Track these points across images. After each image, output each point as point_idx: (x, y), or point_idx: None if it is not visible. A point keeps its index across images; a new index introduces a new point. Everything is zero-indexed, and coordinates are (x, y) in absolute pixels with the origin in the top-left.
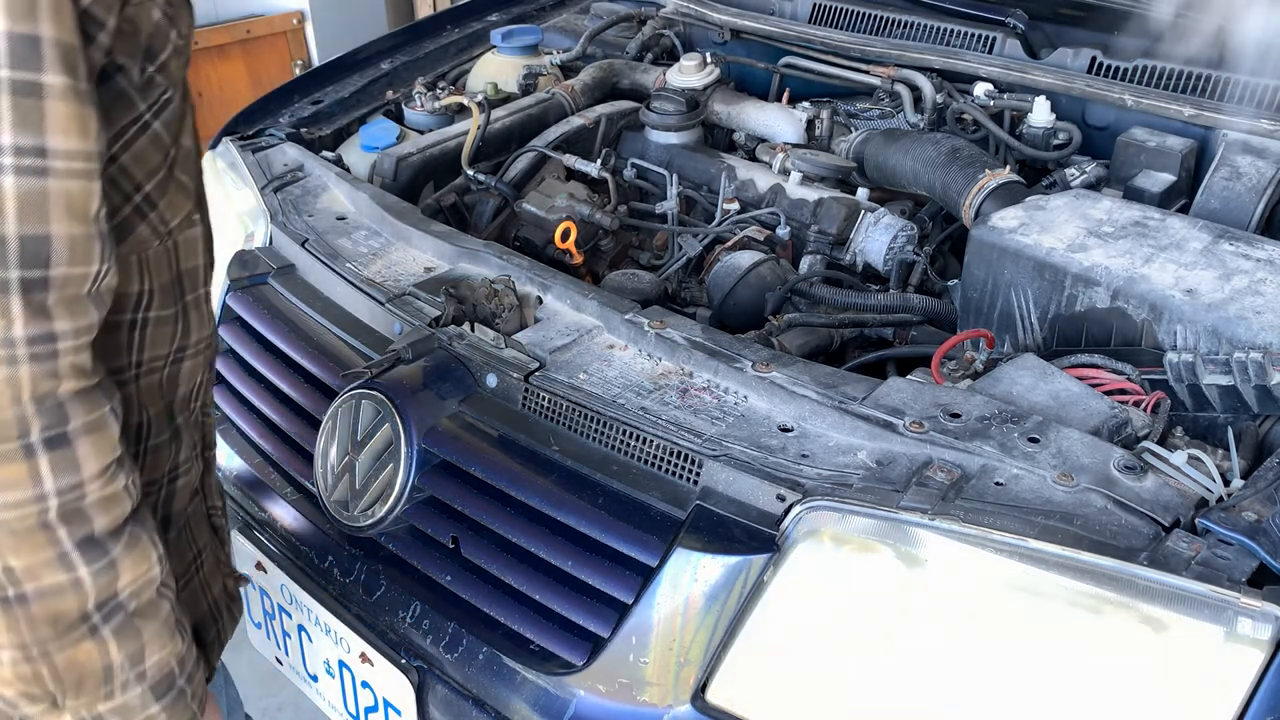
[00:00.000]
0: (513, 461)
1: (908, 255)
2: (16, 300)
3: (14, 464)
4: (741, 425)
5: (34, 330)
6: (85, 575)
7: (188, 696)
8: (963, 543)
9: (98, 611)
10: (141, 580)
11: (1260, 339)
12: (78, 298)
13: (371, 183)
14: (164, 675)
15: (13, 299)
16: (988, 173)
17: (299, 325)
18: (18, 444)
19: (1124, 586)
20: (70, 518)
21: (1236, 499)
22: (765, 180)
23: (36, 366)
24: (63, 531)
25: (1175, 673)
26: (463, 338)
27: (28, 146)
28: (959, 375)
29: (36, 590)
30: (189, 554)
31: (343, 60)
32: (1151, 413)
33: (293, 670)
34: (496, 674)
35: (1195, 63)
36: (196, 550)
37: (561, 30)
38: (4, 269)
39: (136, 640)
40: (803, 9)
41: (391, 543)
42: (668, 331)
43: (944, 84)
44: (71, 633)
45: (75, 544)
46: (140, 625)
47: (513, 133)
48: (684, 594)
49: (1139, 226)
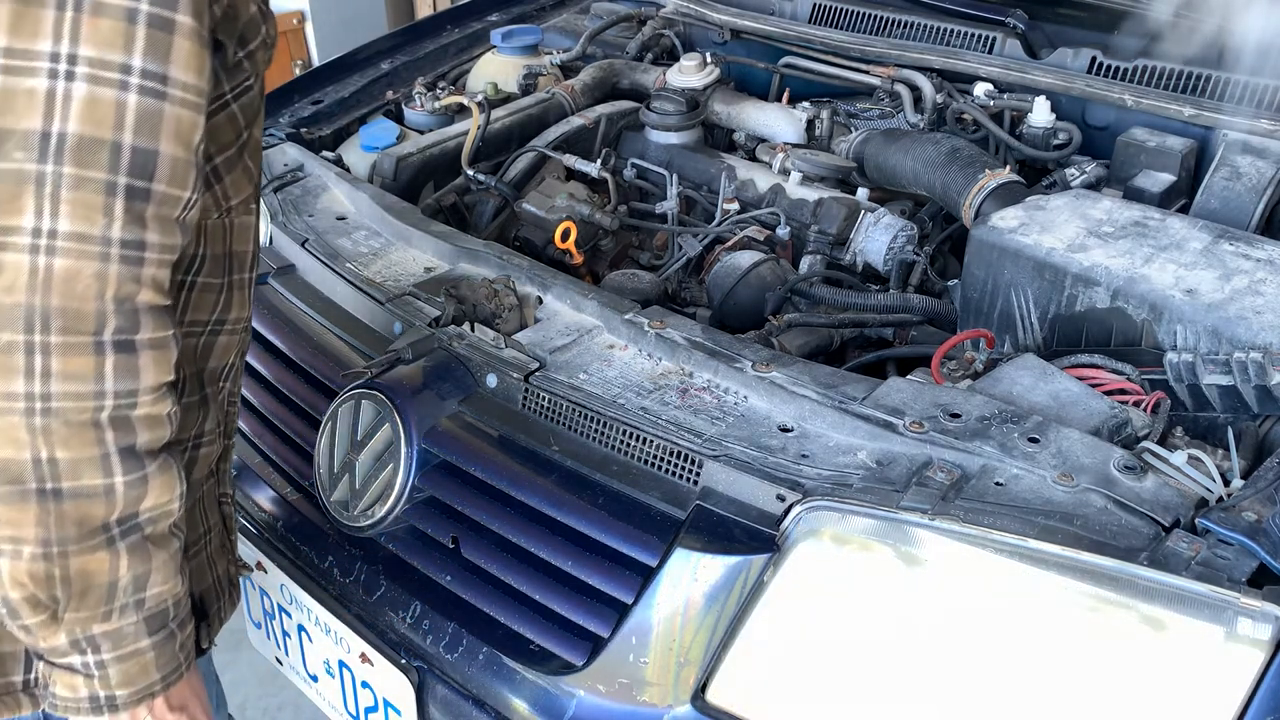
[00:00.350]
0: (513, 461)
1: (908, 255)
2: (120, 203)
3: (83, 357)
4: (741, 425)
5: (129, 235)
6: (119, 484)
7: (176, 643)
8: (963, 543)
9: (118, 525)
10: (162, 509)
11: (1260, 339)
12: (169, 218)
13: (371, 183)
14: (159, 611)
15: (117, 201)
16: (988, 173)
17: (299, 325)
18: (91, 338)
19: (1124, 586)
20: (119, 424)
21: (1236, 499)
22: (765, 180)
23: (125, 268)
24: (110, 434)
25: (1175, 673)
26: (463, 338)
27: (153, 71)
28: (959, 375)
29: (73, 489)
30: (200, 528)
31: (343, 60)
32: (1151, 413)
33: (293, 670)
34: (496, 674)
35: (1195, 63)
36: (207, 526)
37: (561, 30)
38: (115, 173)
39: (145, 564)
40: (803, 9)
41: (391, 543)
42: (668, 331)
43: (944, 84)
44: (92, 539)
45: (118, 450)
46: (152, 551)
47: (513, 133)
48: (684, 594)
49: (1139, 226)
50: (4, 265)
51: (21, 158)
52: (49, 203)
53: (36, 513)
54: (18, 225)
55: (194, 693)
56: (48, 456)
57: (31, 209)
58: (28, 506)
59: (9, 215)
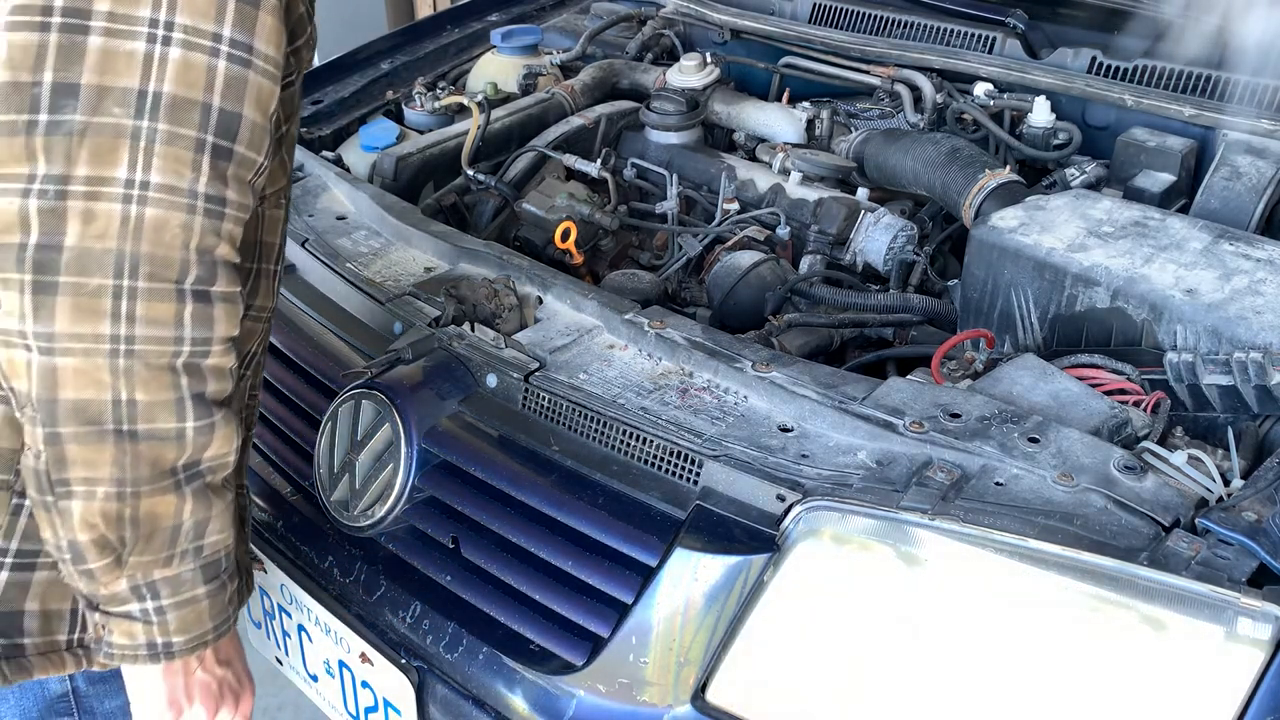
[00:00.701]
0: (513, 461)
1: (908, 255)
2: (207, 160)
3: (167, 303)
4: (741, 425)
5: (213, 190)
6: (190, 429)
7: (226, 595)
8: (963, 543)
9: (184, 470)
10: (222, 459)
11: (1260, 339)
12: (244, 179)
13: (371, 183)
14: (214, 559)
15: (205, 158)
16: (988, 173)
17: (299, 325)
18: (174, 286)
19: (1124, 586)
20: (192, 370)
21: (1236, 499)
22: (765, 180)
23: (208, 221)
24: (185, 380)
25: (1175, 673)
26: (463, 338)
27: (240, 41)
28: (959, 375)
29: (148, 430)
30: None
31: (343, 60)
32: (1151, 413)
33: (293, 670)
34: (496, 674)
35: (1195, 63)
36: None
37: (561, 30)
38: (205, 132)
39: (206, 510)
40: (803, 9)
41: (391, 543)
42: (668, 331)
43: (944, 84)
44: (162, 480)
45: (191, 395)
46: (211, 499)
47: (513, 133)
48: (684, 594)
49: (1139, 226)
50: (97, 214)
51: (120, 113)
52: (143, 156)
53: (113, 452)
54: (112, 176)
55: (237, 651)
56: (127, 398)
57: (126, 161)
58: (105, 446)
59: (105, 167)
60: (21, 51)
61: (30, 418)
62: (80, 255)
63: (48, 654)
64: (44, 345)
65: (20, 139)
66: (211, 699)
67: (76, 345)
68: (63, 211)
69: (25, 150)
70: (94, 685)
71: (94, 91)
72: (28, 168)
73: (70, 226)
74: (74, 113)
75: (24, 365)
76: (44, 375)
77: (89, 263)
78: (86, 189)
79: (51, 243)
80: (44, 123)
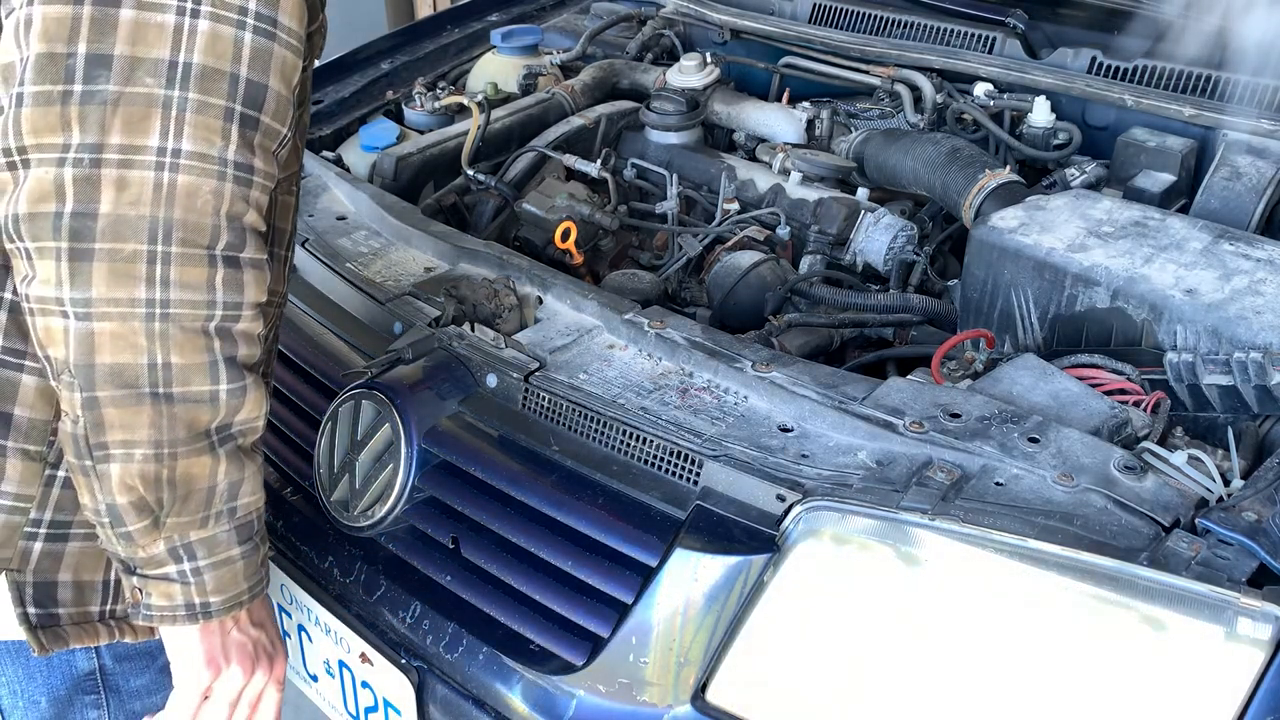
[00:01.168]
0: (513, 461)
1: (908, 255)
2: (235, 128)
3: (199, 267)
4: (741, 425)
5: (241, 158)
6: (223, 392)
7: (259, 557)
8: (963, 543)
9: (218, 433)
10: (252, 422)
11: (1260, 339)
12: (270, 149)
13: (371, 183)
14: (247, 521)
15: (234, 126)
16: (988, 173)
17: (299, 325)
18: (205, 251)
19: (1124, 586)
20: (224, 334)
21: (1236, 499)
22: (765, 180)
23: (237, 188)
24: (217, 343)
25: (1175, 673)
26: (463, 338)
27: (265, 15)
28: (959, 375)
29: (183, 393)
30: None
31: (343, 60)
32: (1151, 413)
33: (292, 670)
34: (496, 674)
35: (1195, 63)
36: None
37: (561, 30)
38: (233, 101)
39: (240, 472)
40: (803, 9)
41: (391, 543)
42: (668, 331)
43: (944, 84)
44: (198, 442)
45: (224, 359)
46: (244, 461)
47: (513, 133)
48: (684, 594)
49: (1139, 226)
50: (130, 181)
51: (151, 83)
52: (174, 125)
53: (150, 415)
54: (145, 144)
55: (269, 613)
56: (163, 361)
57: (158, 130)
58: (142, 409)
59: (137, 135)
60: (56, 24)
61: (68, 384)
62: (115, 222)
63: (81, 624)
64: (81, 310)
65: (55, 109)
66: (248, 659)
67: (113, 310)
68: (97, 179)
69: (60, 120)
70: (120, 663)
71: (126, 62)
72: (62, 137)
73: (105, 194)
74: (107, 83)
75: (61, 332)
76: (81, 340)
77: (123, 229)
78: (120, 157)
79: (87, 210)
80: (79, 92)
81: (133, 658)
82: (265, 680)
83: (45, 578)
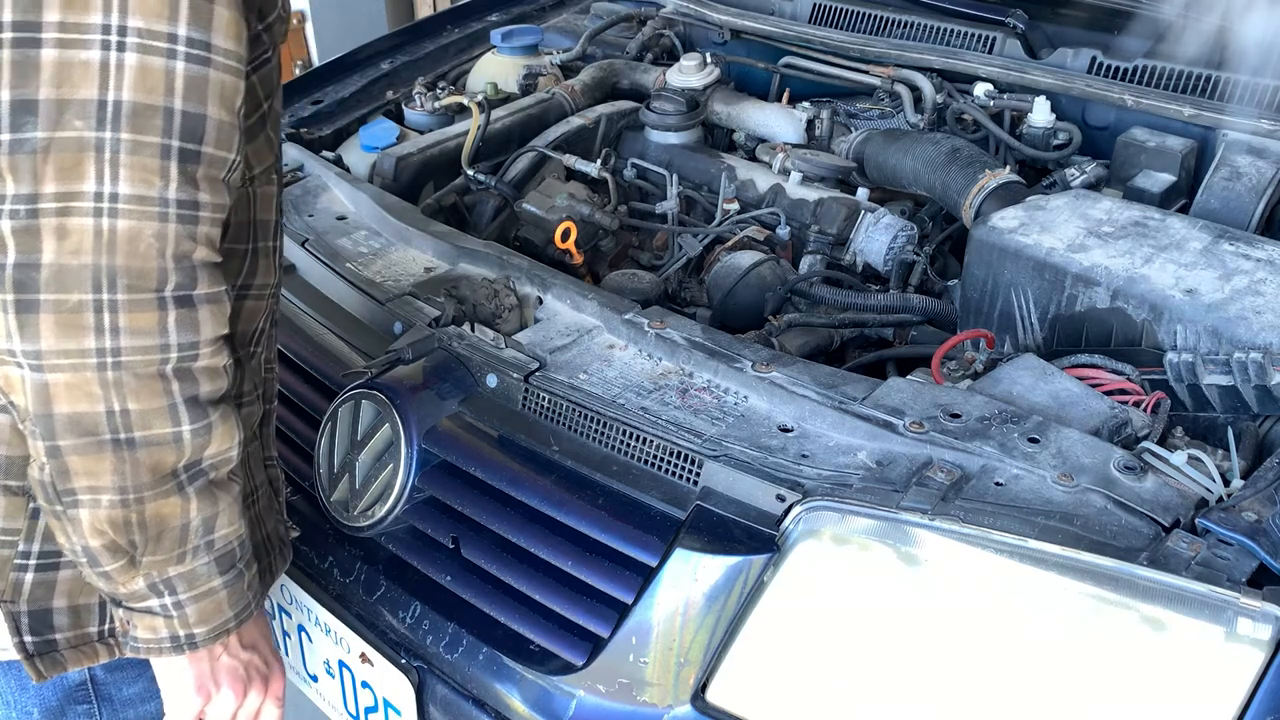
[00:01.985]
0: (513, 461)
1: (908, 255)
2: (174, 165)
3: (148, 312)
4: (741, 425)
5: (184, 195)
6: (186, 432)
7: (244, 583)
8: (963, 543)
9: (186, 471)
10: (224, 454)
11: (1260, 339)
12: (217, 179)
13: (371, 183)
14: (227, 551)
15: (172, 164)
16: (988, 173)
17: (299, 325)
18: (155, 295)
19: (1124, 586)
20: (183, 375)
21: (1236, 499)
22: (765, 180)
23: (182, 227)
24: (175, 385)
25: (1175, 673)
26: (463, 338)
27: (197, 39)
28: (959, 375)
29: (145, 437)
30: (248, 486)
31: (343, 60)
32: (1151, 413)
33: (293, 670)
34: (496, 674)
35: (1195, 63)
36: (253, 486)
37: (561, 30)
38: (169, 137)
39: (213, 507)
40: (803, 9)
41: (391, 543)
42: (668, 331)
43: (944, 84)
44: (164, 484)
45: (184, 400)
46: (217, 495)
47: (513, 133)
48: (684, 594)
49: (1139, 226)
50: (70, 229)
51: (81, 126)
52: (109, 168)
53: (113, 462)
54: (80, 190)
55: (262, 634)
56: (120, 408)
57: (93, 174)
58: (104, 456)
59: (72, 181)
60: None
61: (31, 431)
62: (58, 272)
63: (79, 646)
64: (33, 363)
65: None
66: (239, 682)
67: (64, 361)
68: (36, 230)
69: None
70: (112, 673)
71: (53, 106)
72: None
73: (45, 244)
74: (35, 130)
75: (19, 381)
76: (37, 391)
77: (67, 279)
78: (57, 205)
79: (29, 261)
80: (6, 142)
81: (125, 667)
82: (260, 700)
83: (40, 605)
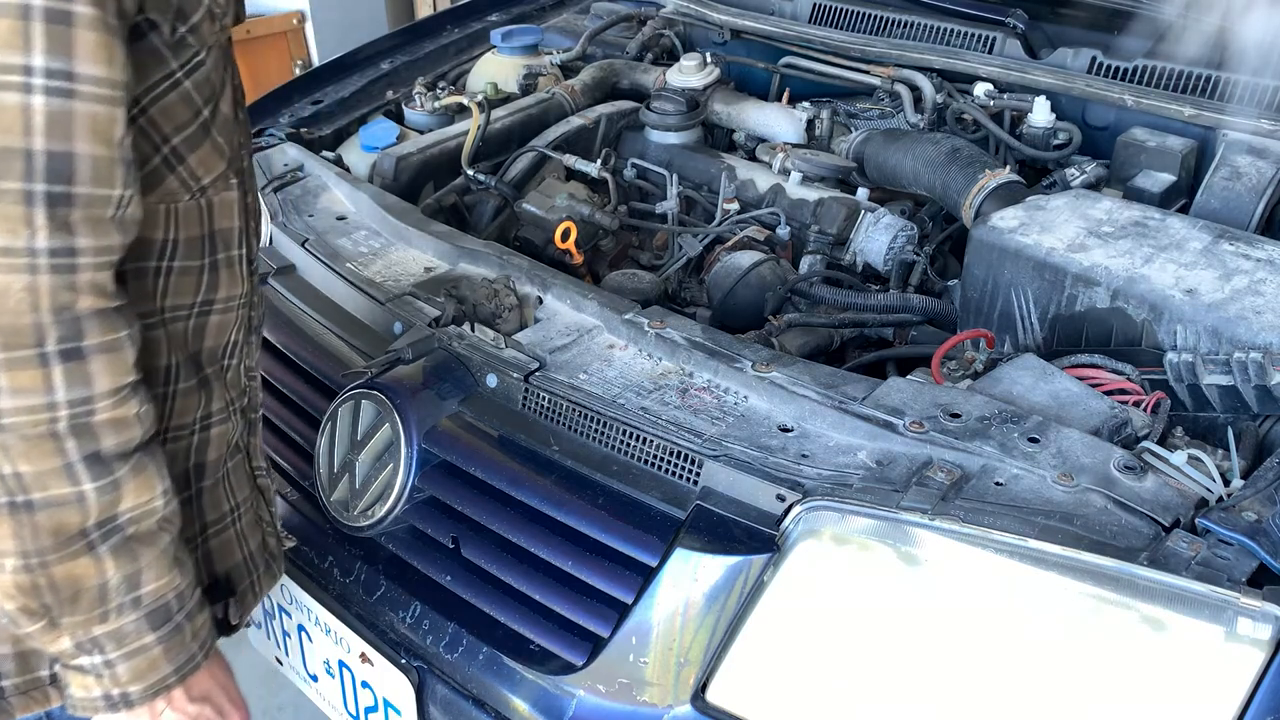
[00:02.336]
0: (513, 461)
1: (908, 255)
2: (41, 212)
3: (29, 370)
4: (741, 425)
5: (55, 243)
6: (89, 490)
7: (186, 635)
8: (963, 543)
9: (97, 530)
10: (143, 509)
11: (1260, 339)
12: (100, 219)
13: (371, 183)
14: (160, 606)
15: (36, 211)
16: (988, 173)
17: (299, 325)
18: (34, 351)
19: (1124, 586)
20: (79, 431)
21: (1236, 499)
22: (765, 180)
23: (56, 278)
24: (70, 443)
25: (1175, 673)
26: (463, 338)
27: (57, 69)
28: (959, 375)
29: (43, 499)
30: (226, 505)
31: (343, 60)
32: (1151, 413)
33: (293, 670)
34: (496, 674)
35: (1195, 63)
36: (235, 503)
37: (561, 30)
38: (31, 181)
39: (133, 564)
40: (803, 9)
41: (391, 543)
42: (668, 331)
43: (944, 84)
44: (70, 546)
45: (82, 458)
46: (138, 550)
47: (513, 133)
48: (684, 594)
49: (1139, 226)
50: None
51: None
52: None
53: (11, 526)
54: None
55: (217, 681)
56: (12, 471)
57: None
58: (2, 520)
59: None
60: None
61: None
62: None
63: (28, 692)
64: None
65: None
66: None
67: None
68: None
69: None
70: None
71: None
72: None
73: None
74: None
75: None
76: None
77: None
78: None
79: None
80: None
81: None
82: None
83: None
